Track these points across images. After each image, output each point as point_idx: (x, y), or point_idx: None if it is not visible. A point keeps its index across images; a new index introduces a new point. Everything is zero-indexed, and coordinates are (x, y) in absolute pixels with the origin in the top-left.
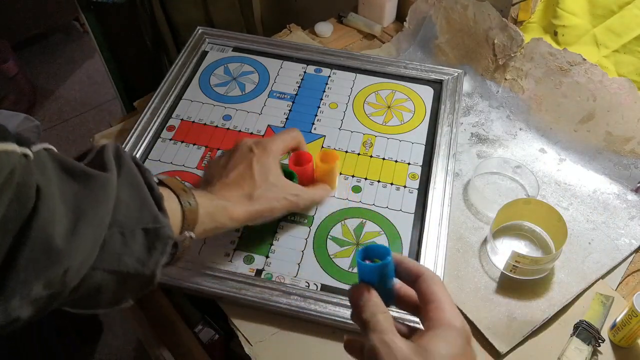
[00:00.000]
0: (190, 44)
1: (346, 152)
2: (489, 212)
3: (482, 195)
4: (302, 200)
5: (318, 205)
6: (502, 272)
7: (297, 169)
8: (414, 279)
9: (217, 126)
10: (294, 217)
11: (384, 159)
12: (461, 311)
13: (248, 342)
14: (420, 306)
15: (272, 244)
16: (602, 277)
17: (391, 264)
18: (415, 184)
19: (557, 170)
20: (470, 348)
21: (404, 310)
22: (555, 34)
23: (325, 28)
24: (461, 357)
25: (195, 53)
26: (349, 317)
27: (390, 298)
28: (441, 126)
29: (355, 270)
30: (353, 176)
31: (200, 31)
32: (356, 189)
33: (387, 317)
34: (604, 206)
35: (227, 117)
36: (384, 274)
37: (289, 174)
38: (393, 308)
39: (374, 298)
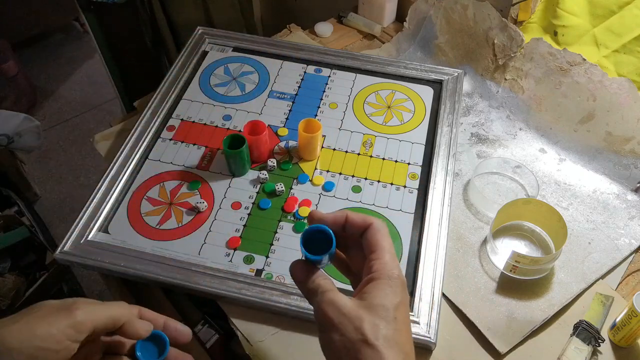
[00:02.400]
0: (190, 44)
1: (346, 152)
2: (489, 212)
3: (482, 195)
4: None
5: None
6: (502, 272)
7: (251, 138)
8: (362, 231)
9: (217, 126)
10: (294, 217)
11: (383, 159)
12: (461, 311)
13: (248, 342)
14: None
15: (272, 244)
16: (602, 277)
17: (334, 248)
18: (415, 184)
19: (557, 170)
20: (406, 293)
21: (339, 270)
22: (555, 34)
23: (325, 28)
24: (401, 305)
25: (195, 53)
26: None
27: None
28: (441, 126)
29: None
30: (353, 176)
31: (200, 31)
32: (356, 189)
33: (328, 281)
34: (604, 206)
35: (227, 117)
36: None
37: (239, 140)
38: None
39: (314, 270)
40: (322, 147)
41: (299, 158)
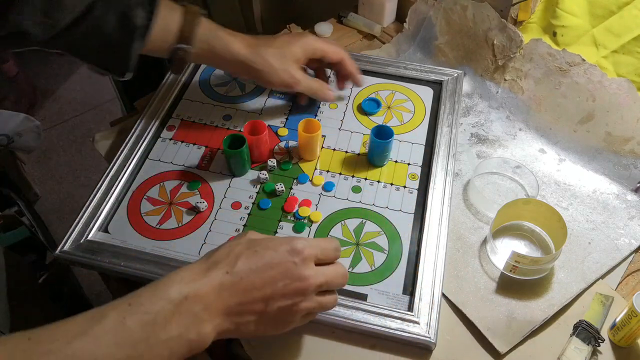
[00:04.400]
0: None
1: (346, 152)
2: (489, 212)
3: (482, 196)
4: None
5: None
6: (502, 272)
7: (252, 138)
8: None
9: (217, 126)
10: (294, 217)
11: None
12: (461, 311)
13: (248, 342)
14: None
15: None
16: (602, 277)
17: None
18: (415, 184)
19: (557, 171)
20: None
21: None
22: (555, 34)
23: (325, 28)
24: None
25: None
26: (349, 316)
27: None
28: (441, 126)
29: (354, 270)
30: (353, 176)
31: None
32: (356, 189)
33: None
34: (604, 206)
35: (227, 117)
36: None
37: (239, 140)
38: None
39: None
40: (322, 147)
41: (299, 158)
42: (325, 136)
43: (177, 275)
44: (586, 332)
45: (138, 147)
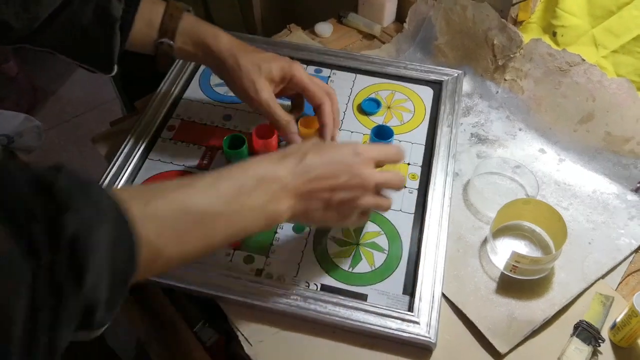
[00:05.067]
0: None
1: None
2: (489, 212)
3: (482, 195)
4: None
5: None
6: (502, 272)
7: (261, 142)
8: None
9: (217, 126)
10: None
11: None
12: (461, 311)
13: (248, 342)
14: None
15: (272, 244)
16: (602, 277)
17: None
18: (415, 184)
19: (557, 171)
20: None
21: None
22: (554, 34)
23: (325, 28)
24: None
25: None
26: (349, 316)
27: None
28: (441, 127)
29: (354, 270)
30: None
31: None
32: None
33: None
34: (604, 206)
35: (227, 117)
36: None
37: (239, 140)
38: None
39: None
40: None
41: None
42: None
43: (255, 160)
44: (586, 333)
45: (138, 147)
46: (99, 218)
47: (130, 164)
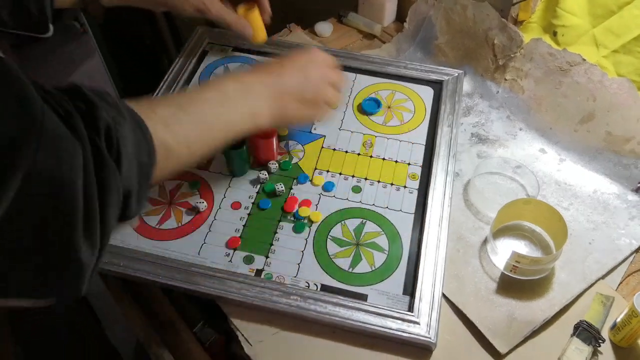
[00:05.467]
0: (190, 44)
1: (346, 152)
2: (489, 212)
3: (482, 195)
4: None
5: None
6: (502, 272)
7: (262, 141)
8: None
9: None
10: (294, 218)
11: (384, 159)
12: (461, 311)
13: (248, 342)
14: None
15: (272, 244)
16: (603, 277)
17: None
18: (415, 184)
19: (557, 171)
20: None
21: None
22: (555, 34)
23: (325, 28)
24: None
25: (195, 53)
26: (349, 317)
27: None
28: (441, 126)
29: (355, 270)
30: (353, 176)
31: (200, 31)
32: (356, 189)
33: None
34: (604, 206)
35: None
36: None
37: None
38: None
39: None
40: (323, 147)
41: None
42: (325, 136)
43: (230, 74)
44: (587, 333)
45: None
46: (121, 116)
47: None
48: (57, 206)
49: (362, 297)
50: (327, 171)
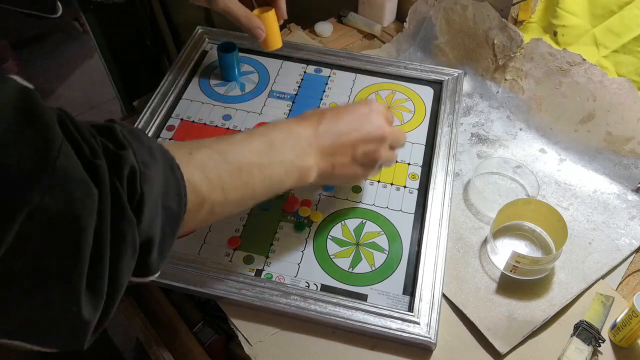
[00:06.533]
0: (190, 44)
1: None
2: (489, 212)
3: (482, 196)
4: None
5: None
6: (502, 272)
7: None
8: None
9: (217, 126)
10: (294, 218)
11: None
12: (461, 311)
13: (248, 342)
14: None
15: (272, 244)
16: (603, 277)
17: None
18: (415, 184)
19: (557, 171)
20: None
21: None
22: (555, 34)
23: (325, 28)
24: None
25: (195, 53)
26: (349, 317)
27: None
28: (441, 126)
29: (355, 270)
30: None
31: (200, 31)
32: (356, 189)
33: None
34: (604, 206)
35: (227, 117)
36: None
37: None
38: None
39: None
40: None
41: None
42: None
43: (281, 121)
44: (587, 333)
45: None
46: (152, 159)
47: None
48: (61, 250)
49: (362, 297)
50: None
